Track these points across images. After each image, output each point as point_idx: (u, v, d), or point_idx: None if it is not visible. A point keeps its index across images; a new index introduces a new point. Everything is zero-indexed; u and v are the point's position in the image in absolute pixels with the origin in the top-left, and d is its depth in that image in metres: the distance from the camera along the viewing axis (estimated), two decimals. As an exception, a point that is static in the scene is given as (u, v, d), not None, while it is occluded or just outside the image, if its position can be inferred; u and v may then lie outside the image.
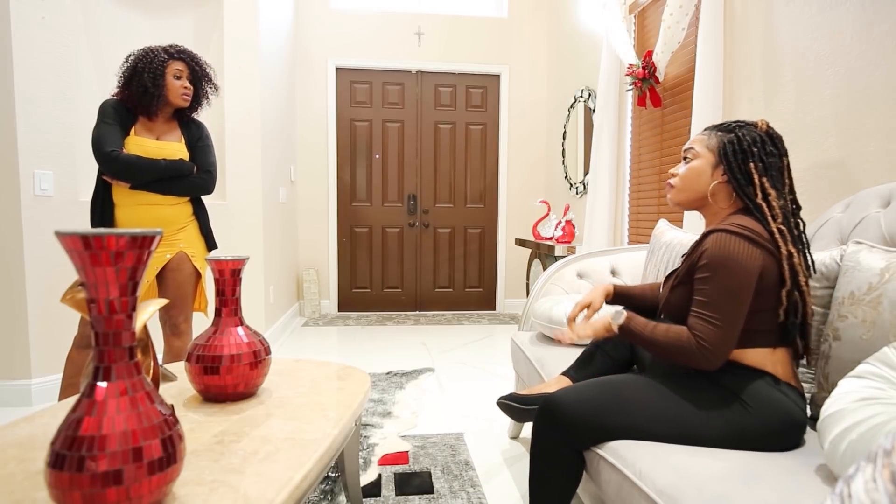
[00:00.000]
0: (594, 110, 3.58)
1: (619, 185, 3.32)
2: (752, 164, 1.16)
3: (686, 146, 1.28)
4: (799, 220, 1.18)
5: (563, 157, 4.41)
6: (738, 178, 1.18)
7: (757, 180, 1.16)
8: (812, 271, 1.19)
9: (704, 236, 1.16)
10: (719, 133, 1.23)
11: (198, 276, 2.09)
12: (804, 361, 1.28)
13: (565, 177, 4.35)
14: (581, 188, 3.98)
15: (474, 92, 4.92)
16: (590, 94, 3.81)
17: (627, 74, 2.93)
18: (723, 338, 1.09)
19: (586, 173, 3.84)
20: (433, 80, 4.86)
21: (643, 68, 2.82)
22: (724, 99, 2.27)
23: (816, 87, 1.81)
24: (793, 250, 1.12)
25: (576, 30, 4.18)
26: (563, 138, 4.40)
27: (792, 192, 1.20)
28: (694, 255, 1.18)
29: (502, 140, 4.96)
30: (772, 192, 1.15)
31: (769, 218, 1.13)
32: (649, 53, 2.79)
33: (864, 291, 1.13)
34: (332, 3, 4.68)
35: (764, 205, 1.15)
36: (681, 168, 1.27)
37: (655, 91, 2.84)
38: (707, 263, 1.12)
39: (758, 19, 2.09)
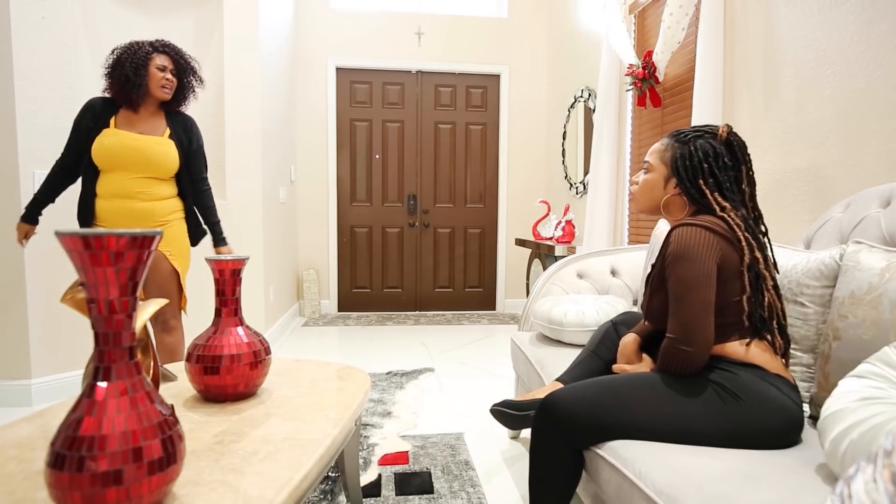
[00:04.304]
0: (594, 110, 3.58)
1: (619, 185, 3.32)
2: (701, 181, 1.21)
3: (646, 157, 1.33)
4: (761, 226, 1.21)
5: (563, 157, 4.41)
6: (692, 192, 1.22)
7: (710, 195, 1.20)
8: (776, 271, 1.22)
9: (668, 234, 1.20)
10: (676, 144, 1.26)
11: (177, 274, 2.07)
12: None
13: (565, 177, 4.35)
14: (581, 188, 3.98)
15: (474, 92, 4.92)
16: (590, 94, 3.81)
17: (627, 74, 2.93)
18: (693, 330, 1.11)
19: (586, 173, 3.83)
20: (433, 80, 4.85)
21: (643, 68, 2.81)
22: (724, 99, 2.27)
23: (816, 87, 1.81)
24: (759, 256, 1.15)
25: (576, 30, 4.18)
26: (563, 138, 4.40)
27: (752, 199, 1.23)
28: (663, 255, 1.22)
29: (502, 140, 4.96)
30: (726, 205, 1.19)
31: (734, 227, 1.16)
32: (649, 53, 2.79)
33: (864, 291, 1.13)
34: (332, 3, 4.68)
35: (726, 216, 1.18)
36: (640, 176, 1.33)
37: (655, 91, 2.84)
38: (668, 258, 1.17)
39: (758, 19, 2.09)
